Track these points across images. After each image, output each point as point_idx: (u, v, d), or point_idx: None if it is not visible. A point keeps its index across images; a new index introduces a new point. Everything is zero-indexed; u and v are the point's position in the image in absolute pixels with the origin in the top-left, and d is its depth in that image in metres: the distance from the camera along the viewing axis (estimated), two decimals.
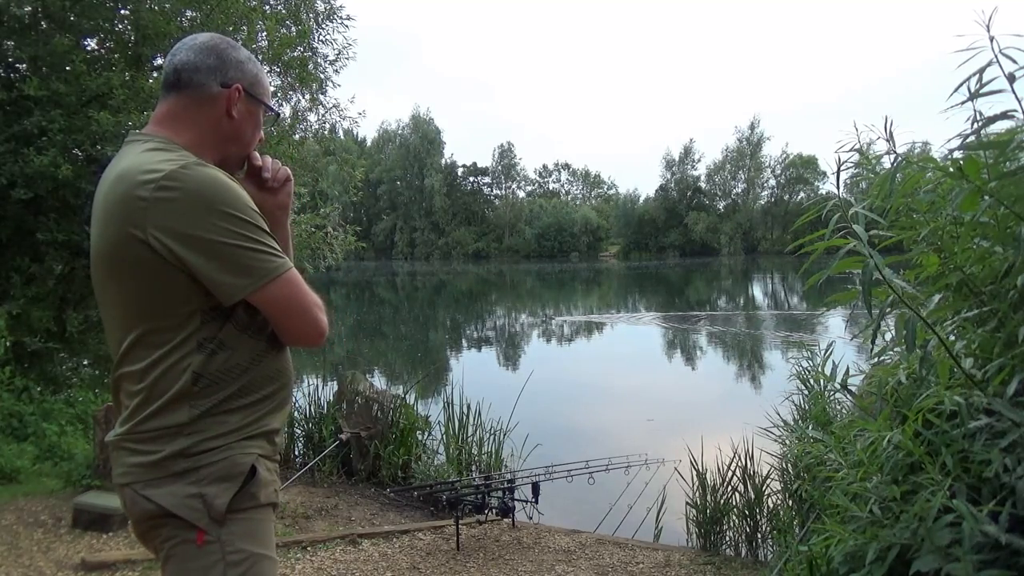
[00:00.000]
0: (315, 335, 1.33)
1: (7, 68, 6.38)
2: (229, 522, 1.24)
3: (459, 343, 17.73)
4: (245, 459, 1.26)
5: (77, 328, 6.11)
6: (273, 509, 1.37)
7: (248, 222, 1.23)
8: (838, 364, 2.27)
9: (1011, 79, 1.33)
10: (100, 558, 3.56)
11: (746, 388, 10.74)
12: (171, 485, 1.23)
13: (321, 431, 5.64)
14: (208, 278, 1.20)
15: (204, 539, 1.23)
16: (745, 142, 73.52)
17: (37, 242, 5.86)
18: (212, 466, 1.23)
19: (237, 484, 1.25)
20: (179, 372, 1.23)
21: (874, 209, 1.59)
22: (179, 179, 1.18)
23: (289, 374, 1.40)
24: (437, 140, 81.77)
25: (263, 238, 1.25)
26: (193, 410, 1.23)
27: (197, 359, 1.23)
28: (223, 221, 1.19)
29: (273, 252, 1.26)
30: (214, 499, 1.22)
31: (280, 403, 1.37)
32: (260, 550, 1.28)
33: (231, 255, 1.20)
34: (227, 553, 1.24)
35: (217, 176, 1.23)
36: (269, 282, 1.24)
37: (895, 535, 1.51)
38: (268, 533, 1.32)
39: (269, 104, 1.45)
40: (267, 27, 6.67)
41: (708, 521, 4.34)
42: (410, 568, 3.76)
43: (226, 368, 1.26)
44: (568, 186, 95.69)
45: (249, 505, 1.28)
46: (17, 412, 5.46)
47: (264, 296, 1.25)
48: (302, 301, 1.30)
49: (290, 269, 1.28)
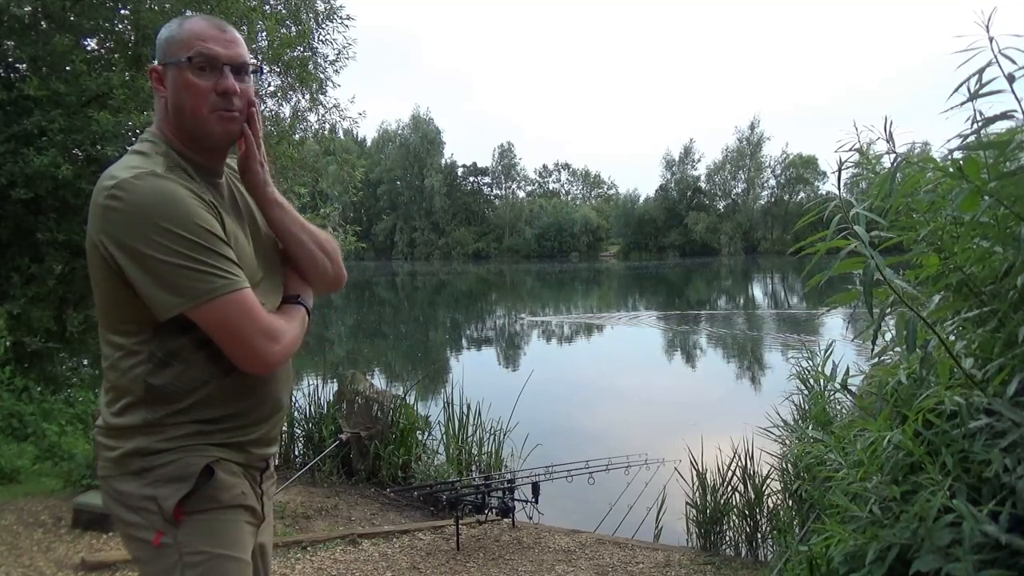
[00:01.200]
0: (255, 363, 1.24)
1: (7, 68, 6.37)
2: (187, 523, 1.24)
3: (459, 343, 17.73)
4: (199, 460, 1.25)
5: (77, 328, 6.11)
6: (251, 513, 1.34)
7: (189, 239, 1.17)
8: (838, 364, 2.28)
9: (1011, 79, 1.33)
10: (100, 558, 3.56)
11: (746, 388, 10.75)
12: (129, 484, 1.25)
13: (321, 431, 5.64)
14: (143, 292, 1.19)
15: (160, 540, 1.24)
16: (745, 142, 73.50)
17: (37, 242, 5.86)
18: (165, 467, 1.24)
19: (189, 485, 1.23)
20: (133, 378, 1.24)
21: (874, 209, 1.59)
22: (126, 189, 1.17)
23: (268, 391, 1.34)
24: (437, 140, 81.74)
25: (205, 256, 1.19)
26: (149, 415, 1.25)
27: (147, 369, 1.23)
28: (161, 237, 1.16)
29: (215, 272, 1.19)
30: (164, 500, 1.22)
31: (256, 419, 1.33)
32: (222, 551, 1.26)
33: (164, 271, 1.17)
34: (184, 554, 1.24)
35: (166, 188, 1.19)
36: (203, 303, 1.18)
37: (895, 535, 1.51)
38: (234, 534, 1.29)
39: (184, 56, 1.26)
40: (267, 27, 6.67)
41: (708, 521, 4.34)
42: (410, 568, 3.76)
43: (179, 381, 1.24)
44: (568, 186, 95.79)
45: (209, 507, 1.26)
46: (17, 412, 5.46)
47: (200, 316, 1.20)
48: (241, 327, 1.21)
49: (234, 292, 1.20)
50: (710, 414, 8.76)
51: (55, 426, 5.47)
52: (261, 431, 1.36)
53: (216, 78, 1.27)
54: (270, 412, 1.37)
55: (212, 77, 1.27)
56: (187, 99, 1.27)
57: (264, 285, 1.36)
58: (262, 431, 1.36)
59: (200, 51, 1.26)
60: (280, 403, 1.40)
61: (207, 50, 1.26)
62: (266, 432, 1.37)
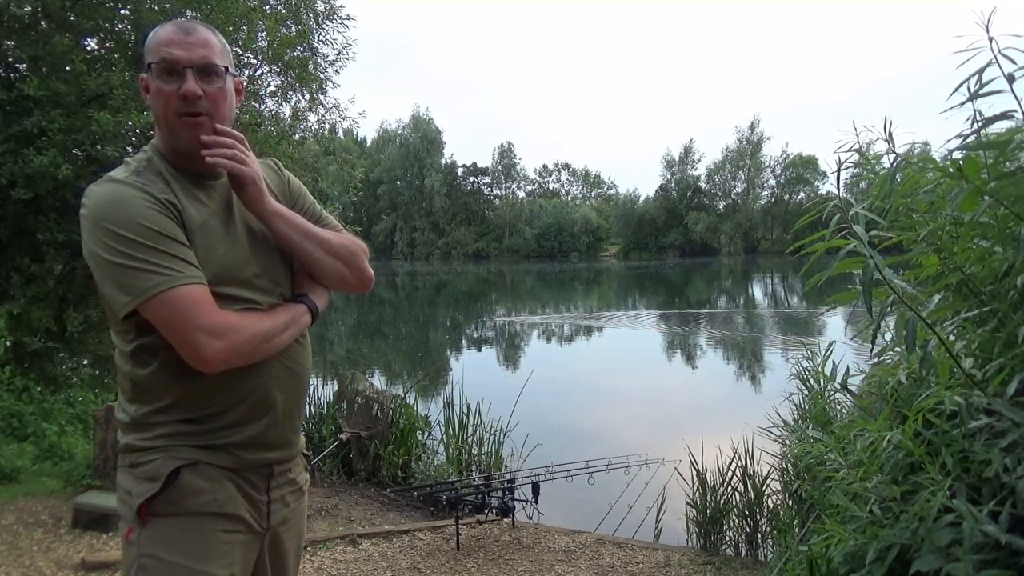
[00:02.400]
0: (196, 360, 1.21)
1: (7, 68, 6.37)
2: (150, 524, 1.25)
3: (459, 343, 17.72)
4: (171, 463, 1.25)
5: (77, 328, 6.11)
6: (231, 521, 1.29)
7: (129, 239, 1.19)
8: (838, 364, 2.27)
9: (1010, 79, 1.33)
10: (100, 558, 3.56)
11: (746, 388, 10.74)
12: (123, 476, 1.30)
13: (321, 431, 5.64)
14: (101, 292, 1.25)
15: (129, 536, 1.27)
16: (745, 142, 73.45)
17: (37, 242, 5.86)
18: (145, 465, 1.26)
19: (157, 486, 1.24)
20: (124, 375, 1.30)
21: (874, 209, 1.59)
22: (88, 196, 1.25)
23: (249, 390, 1.31)
24: (437, 140, 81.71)
25: (145, 255, 1.19)
26: (135, 411, 1.29)
27: (133, 365, 1.28)
28: (106, 237, 1.20)
29: (156, 270, 1.19)
30: (135, 498, 1.25)
31: (240, 419, 1.30)
32: (179, 560, 1.24)
33: (112, 271, 1.21)
34: (140, 555, 1.25)
35: (112, 192, 1.23)
36: (147, 300, 1.19)
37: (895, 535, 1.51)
38: (199, 544, 1.26)
39: (151, 62, 1.26)
40: (267, 27, 6.67)
41: (708, 521, 4.34)
42: (410, 568, 3.76)
43: (156, 377, 1.26)
44: (568, 186, 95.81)
45: (173, 511, 1.25)
46: (17, 412, 5.46)
47: (147, 313, 1.21)
48: (178, 324, 1.20)
49: (171, 288, 1.19)
50: (710, 414, 8.76)
51: (55, 426, 5.47)
52: (250, 432, 1.31)
53: (180, 82, 1.26)
54: (260, 412, 1.32)
55: (176, 81, 1.26)
56: (158, 105, 1.28)
57: (260, 282, 1.36)
58: (252, 432, 1.31)
59: (162, 56, 1.26)
60: (272, 402, 1.34)
61: (168, 55, 1.26)
62: (259, 434, 1.32)
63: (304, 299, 1.41)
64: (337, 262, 1.44)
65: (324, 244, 1.43)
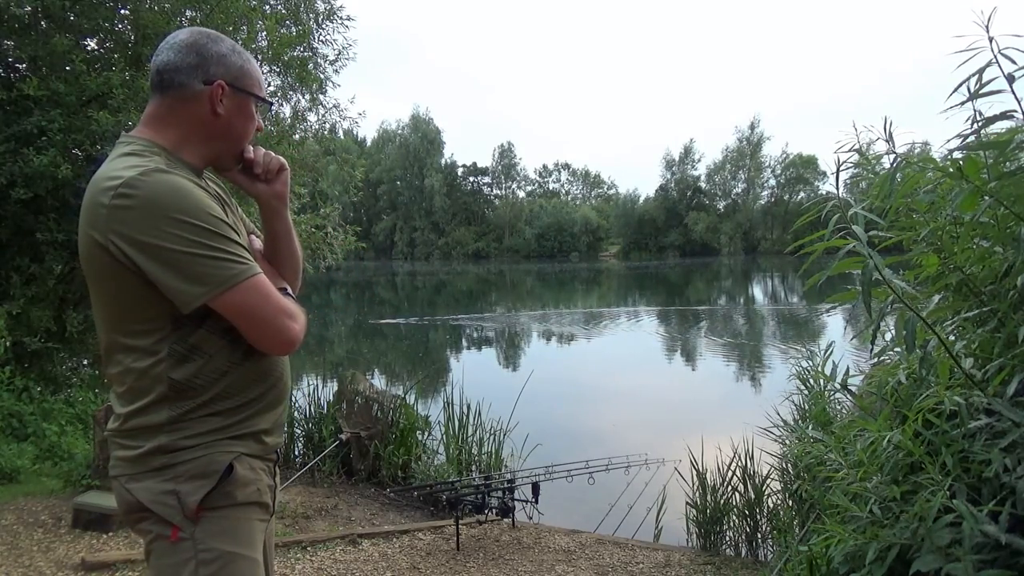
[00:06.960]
0: (281, 343, 1.29)
1: (7, 68, 6.38)
2: (204, 520, 1.25)
3: (459, 343, 17.72)
4: (223, 457, 1.27)
5: (77, 328, 6.11)
6: (264, 510, 1.35)
7: (205, 229, 1.20)
8: (838, 364, 2.27)
9: (1010, 79, 1.33)
10: (100, 558, 3.56)
11: (746, 388, 10.74)
12: (149, 480, 1.25)
13: (321, 431, 5.64)
14: (164, 285, 1.19)
15: (178, 535, 1.25)
16: (745, 142, 73.47)
17: (37, 242, 5.86)
18: (189, 463, 1.25)
19: (212, 482, 1.25)
20: (154, 377, 1.24)
21: (874, 209, 1.59)
22: (136, 186, 1.18)
23: (278, 374, 1.38)
24: (437, 140, 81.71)
25: (223, 244, 1.22)
26: (172, 412, 1.25)
27: (170, 364, 1.24)
28: (177, 228, 1.18)
29: (233, 259, 1.23)
30: (187, 496, 1.23)
31: (270, 403, 1.36)
32: (236, 549, 1.27)
33: (185, 263, 1.18)
34: (199, 551, 1.24)
35: (175, 182, 1.21)
36: (226, 290, 1.21)
37: (895, 535, 1.51)
38: (248, 532, 1.31)
39: (259, 94, 1.39)
40: (267, 27, 6.67)
41: (708, 521, 4.34)
42: (410, 568, 3.76)
43: (202, 373, 1.26)
44: (568, 186, 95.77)
45: (225, 503, 1.27)
46: (17, 412, 5.46)
47: (223, 303, 1.22)
48: (264, 309, 1.25)
49: (252, 276, 1.24)
50: (710, 414, 8.76)
51: (55, 426, 5.47)
52: (274, 417, 1.38)
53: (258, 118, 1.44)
54: (282, 395, 1.41)
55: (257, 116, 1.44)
56: (240, 129, 1.39)
57: None
58: (274, 417, 1.38)
59: (263, 97, 1.41)
60: (288, 386, 1.44)
61: (269, 99, 1.47)
62: (278, 418, 1.40)
63: (288, 293, 1.45)
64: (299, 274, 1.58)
65: (299, 253, 1.57)
